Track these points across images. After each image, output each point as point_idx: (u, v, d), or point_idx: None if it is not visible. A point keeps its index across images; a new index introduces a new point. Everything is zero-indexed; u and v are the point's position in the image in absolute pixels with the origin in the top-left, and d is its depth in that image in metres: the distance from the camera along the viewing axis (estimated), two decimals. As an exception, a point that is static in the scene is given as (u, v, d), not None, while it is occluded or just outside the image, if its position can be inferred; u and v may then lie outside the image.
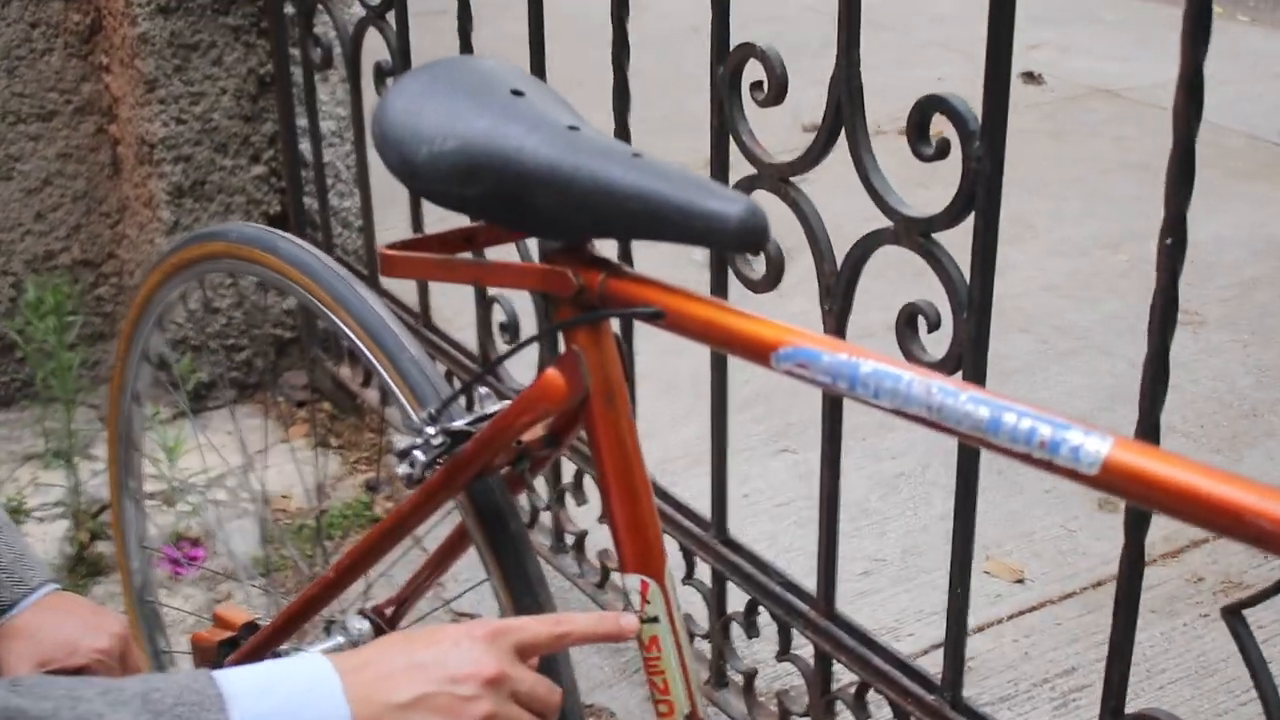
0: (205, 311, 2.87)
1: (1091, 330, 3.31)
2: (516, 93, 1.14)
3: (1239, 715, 2.12)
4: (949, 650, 1.60)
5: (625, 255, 1.88)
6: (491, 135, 1.10)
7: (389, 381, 1.32)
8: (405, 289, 2.63)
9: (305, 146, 2.85)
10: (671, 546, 2.11)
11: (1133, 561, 1.38)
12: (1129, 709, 1.50)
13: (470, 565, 1.42)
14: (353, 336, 1.35)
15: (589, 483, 2.19)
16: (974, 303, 1.44)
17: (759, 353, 0.99)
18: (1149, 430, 1.37)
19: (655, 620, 1.14)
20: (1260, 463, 2.74)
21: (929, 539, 2.55)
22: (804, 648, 1.87)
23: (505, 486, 1.27)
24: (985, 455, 2.27)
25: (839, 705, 1.82)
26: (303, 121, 2.82)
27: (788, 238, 1.66)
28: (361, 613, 1.62)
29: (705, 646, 2.06)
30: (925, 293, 1.60)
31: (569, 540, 2.27)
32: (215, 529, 2.58)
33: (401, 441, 1.23)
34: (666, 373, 3.01)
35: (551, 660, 1.23)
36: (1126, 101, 4.80)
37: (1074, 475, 0.84)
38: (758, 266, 1.72)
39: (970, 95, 1.45)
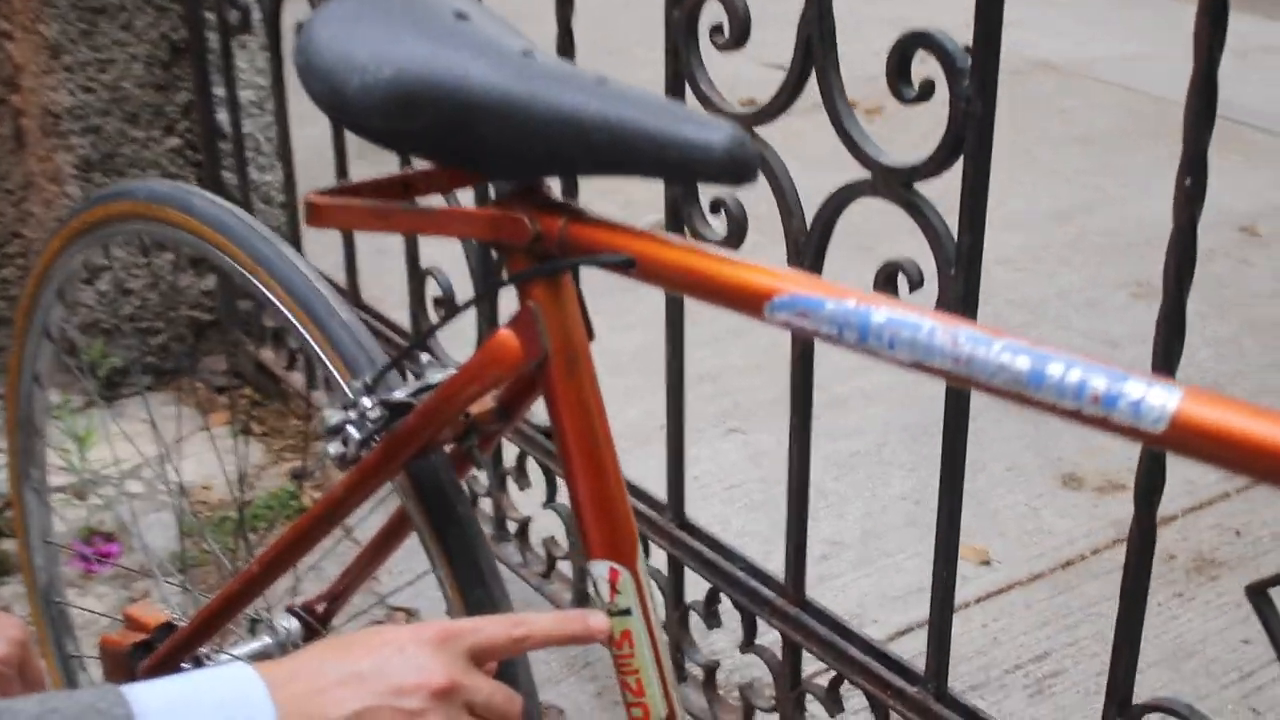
0: (117, 293, 2.70)
1: (1046, 303, 3.21)
2: (461, 16, 1.00)
3: (1221, 699, 2.02)
4: (933, 637, 1.48)
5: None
6: (433, 61, 0.95)
7: (317, 351, 1.17)
8: (331, 267, 2.47)
9: (223, 117, 2.69)
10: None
11: (1143, 536, 1.26)
12: (1102, 699, 1.38)
13: (410, 555, 1.29)
14: (276, 302, 1.20)
15: (533, 466, 2.05)
16: (962, 257, 1.31)
17: (749, 302, 0.86)
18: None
19: (627, 613, 1.01)
20: (1225, 436, 2.64)
21: (889, 520, 2.43)
22: (769, 637, 1.75)
23: (451, 465, 1.13)
24: (938, 432, 2.14)
25: (808, 699, 1.69)
26: (220, 90, 2.65)
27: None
28: (290, 610, 1.47)
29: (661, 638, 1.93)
30: (904, 252, 1.47)
31: (511, 528, 2.13)
32: (130, 523, 2.41)
33: (333, 416, 1.09)
34: (610, 349, 2.86)
35: (508, 663, 1.08)
36: (1070, 76, 4.72)
37: (1135, 434, 0.71)
38: (717, 225, 1.58)
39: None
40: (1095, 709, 2.01)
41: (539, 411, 2.04)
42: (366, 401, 1.06)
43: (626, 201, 3.08)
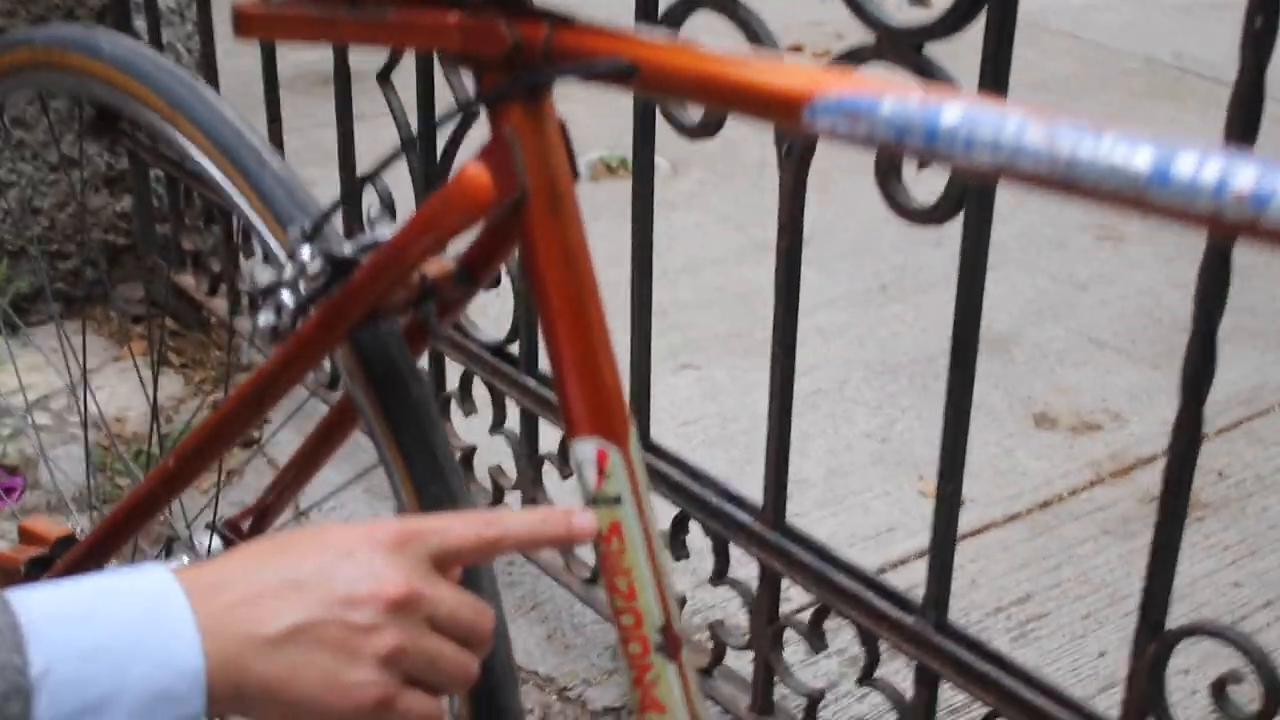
0: (23, 211, 2.49)
1: (1007, 245, 3.07)
2: None
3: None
4: (934, 562, 1.33)
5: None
6: None
7: (247, 210, 1.00)
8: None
9: (141, 24, 2.48)
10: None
11: (1189, 433, 1.11)
12: (1093, 641, 1.24)
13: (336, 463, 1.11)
14: (197, 153, 1.03)
15: (479, 387, 1.88)
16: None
17: (784, 107, 0.70)
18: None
19: (616, 501, 0.85)
20: (1201, 377, 2.53)
21: (854, 458, 2.28)
22: (743, 572, 1.59)
23: (403, 340, 0.96)
24: (909, 366, 1.99)
25: (786, 637, 1.54)
26: (137, -6, 2.45)
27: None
28: (210, 527, 1.29)
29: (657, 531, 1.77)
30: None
31: (455, 456, 1.96)
32: (37, 456, 2.22)
33: (264, 274, 0.92)
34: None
35: (469, 571, 0.92)
36: (1022, 26, 4.60)
37: (1297, 237, 0.56)
38: (694, 110, 1.42)
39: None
40: (1084, 652, 1.88)
41: (486, 328, 1.88)
42: (305, 252, 0.89)
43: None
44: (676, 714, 0.87)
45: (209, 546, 1.28)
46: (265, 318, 0.95)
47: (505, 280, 1.76)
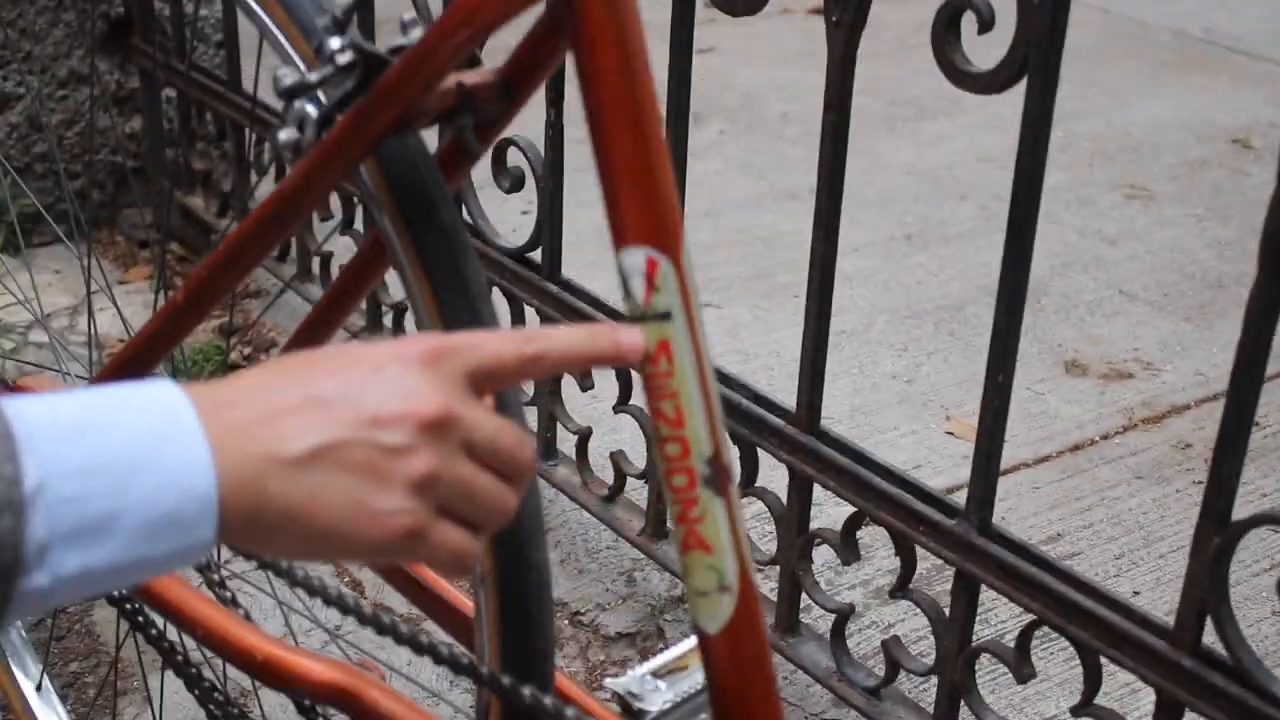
0: (30, 128, 2.42)
1: (1035, 200, 3.01)
2: None
3: (1253, 586, 1.83)
4: (980, 462, 1.26)
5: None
6: None
7: (263, 16, 0.93)
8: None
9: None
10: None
11: (1266, 300, 1.04)
12: (1126, 581, 1.17)
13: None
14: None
15: (496, 297, 1.80)
16: (1052, -19, 1.09)
17: None
18: None
19: (666, 316, 0.77)
20: (1233, 331, 2.43)
21: (880, 397, 2.22)
22: (772, 479, 1.53)
23: (433, 161, 0.89)
24: (934, 313, 1.91)
25: (814, 549, 1.47)
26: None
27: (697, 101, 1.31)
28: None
29: (641, 490, 1.70)
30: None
31: (565, 445, 1.86)
32: (36, 373, 2.15)
33: (287, 75, 0.84)
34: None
35: (500, 402, 0.85)
36: (1047, -8, 4.54)
37: None
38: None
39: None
40: (1117, 592, 1.81)
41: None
42: (334, 43, 0.82)
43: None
44: (723, 555, 0.80)
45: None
46: (287, 133, 0.88)
47: (522, 199, 1.69)
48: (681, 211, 0.79)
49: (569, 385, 1.77)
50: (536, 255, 1.72)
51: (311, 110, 0.87)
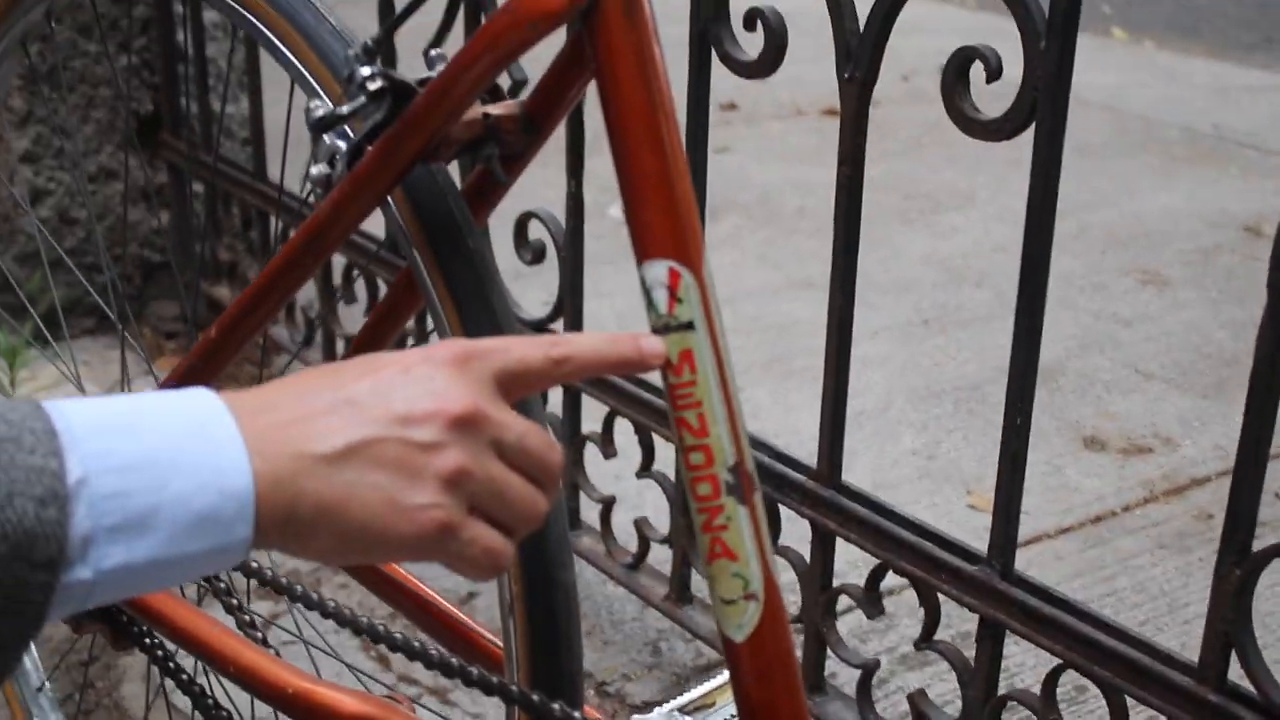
0: (60, 222, 2.47)
1: (1050, 286, 3.03)
2: None
3: (1275, 651, 1.82)
4: (1000, 507, 1.28)
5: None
6: None
7: (297, 64, 0.97)
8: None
9: (183, 38, 2.48)
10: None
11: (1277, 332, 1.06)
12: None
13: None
14: (243, 9, 1.00)
15: (621, 430, 1.79)
16: (1056, 26, 1.12)
17: None
18: None
19: (689, 326, 0.80)
20: (1253, 408, 2.48)
21: (901, 472, 2.23)
22: (795, 539, 1.54)
23: (459, 193, 0.92)
24: (953, 393, 1.92)
25: (839, 606, 1.48)
26: (181, 8, 2.45)
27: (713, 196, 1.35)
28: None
29: (665, 556, 1.71)
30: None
31: (589, 514, 1.87)
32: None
33: (319, 109, 0.88)
34: (590, 313, 2.68)
35: (524, 407, 0.86)
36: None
37: None
38: (750, 45, 1.38)
39: (893, 92, 1.15)
40: (1140, 633, 1.81)
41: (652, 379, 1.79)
42: (364, 71, 0.85)
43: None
44: (748, 563, 0.81)
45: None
46: (319, 168, 0.91)
47: (546, 268, 1.72)
48: (703, 228, 0.81)
49: (592, 454, 1.79)
50: (558, 325, 1.75)
51: (341, 144, 0.90)
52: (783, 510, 1.51)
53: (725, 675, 0.93)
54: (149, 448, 0.59)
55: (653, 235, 0.80)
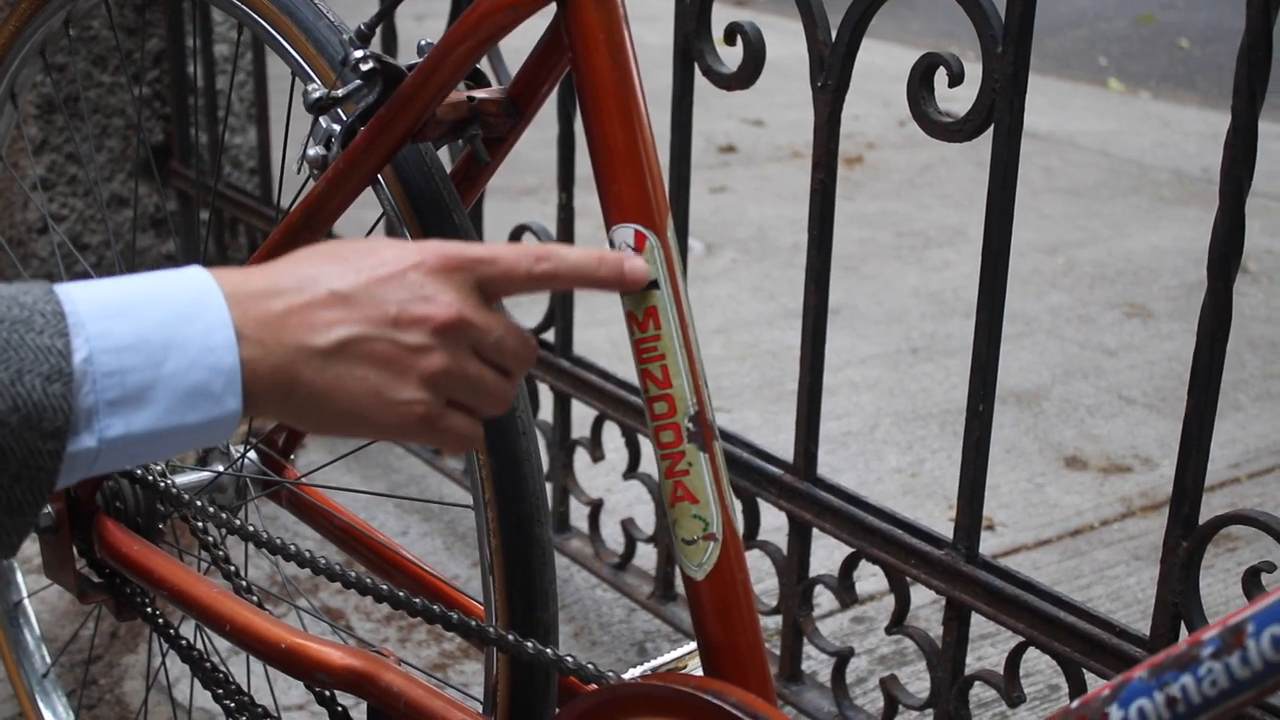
0: (72, 247, 2.55)
1: (1038, 317, 3.11)
2: None
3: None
4: (964, 493, 1.34)
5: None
6: None
7: (296, 56, 1.04)
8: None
9: (194, 70, 2.57)
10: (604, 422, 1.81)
11: (1220, 307, 1.12)
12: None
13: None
14: (245, 5, 1.07)
15: (609, 435, 1.88)
16: (1012, 33, 1.19)
17: None
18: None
19: (654, 286, 0.86)
20: (1232, 432, 2.54)
21: (885, 488, 2.29)
22: (773, 532, 1.60)
23: (446, 175, 0.99)
24: (939, 416, 1.98)
25: (815, 594, 1.54)
26: (193, 41, 2.53)
27: (710, 233, 1.42)
28: (247, 443, 1.32)
29: (650, 556, 1.77)
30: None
31: (577, 516, 1.95)
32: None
33: (315, 91, 0.95)
34: (584, 340, 2.74)
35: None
36: (1052, 143, 4.70)
37: None
38: (729, 59, 1.46)
39: (889, 136, 1.23)
40: (1097, 610, 1.86)
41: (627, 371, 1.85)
42: (357, 54, 0.92)
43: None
44: (708, 505, 0.88)
45: (245, 458, 1.30)
46: (315, 150, 0.98)
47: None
48: (667, 197, 0.88)
49: (581, 458, 1.85)
50: (550, 335, 1.82)
51: (335, 126, 0.97)
52: (761, 505, 1.57)
53: (693, 645, 0.99)
54: (144, 329, 0.65)
55: (620, 202, 0.87)
